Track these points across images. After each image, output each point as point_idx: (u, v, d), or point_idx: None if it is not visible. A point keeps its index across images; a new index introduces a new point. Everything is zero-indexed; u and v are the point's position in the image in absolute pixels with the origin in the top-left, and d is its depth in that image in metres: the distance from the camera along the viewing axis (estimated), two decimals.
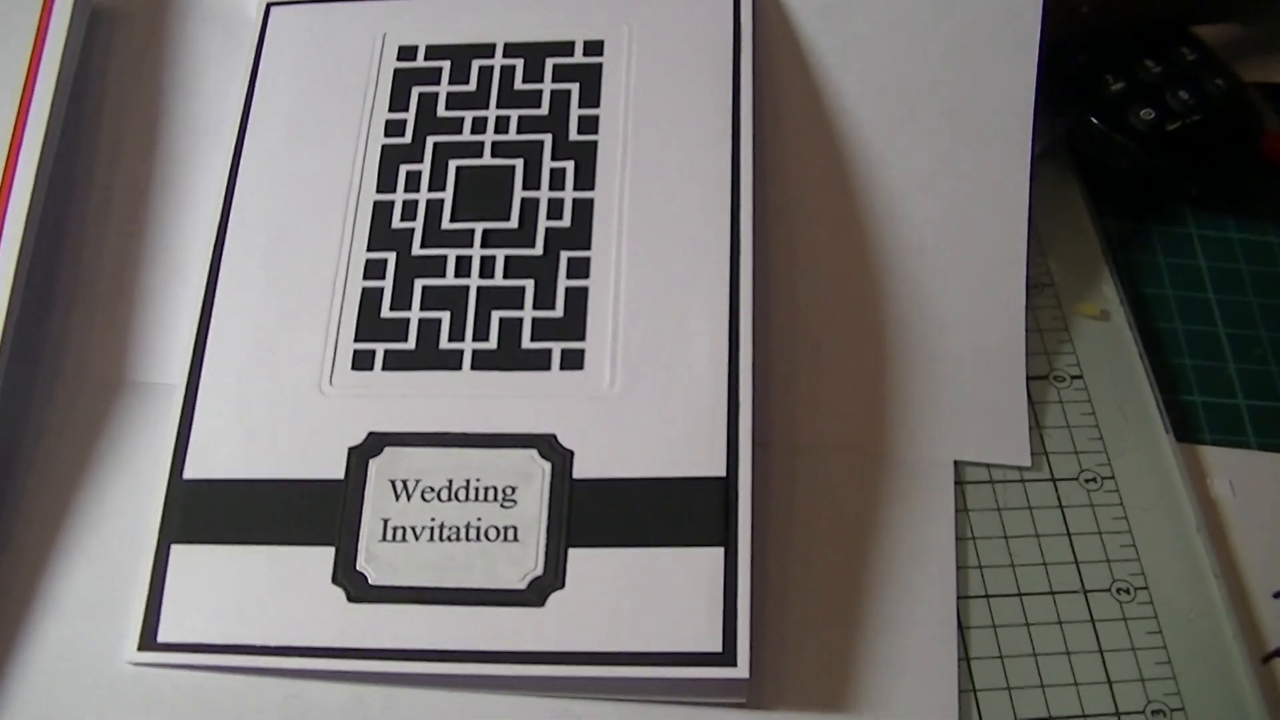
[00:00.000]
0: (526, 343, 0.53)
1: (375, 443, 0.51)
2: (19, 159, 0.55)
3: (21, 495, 0.53)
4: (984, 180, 0.59)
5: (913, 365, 0.56)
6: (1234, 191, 0.68)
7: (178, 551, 0.50)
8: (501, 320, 0.53)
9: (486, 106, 0.58)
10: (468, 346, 0.53)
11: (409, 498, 0.50)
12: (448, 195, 0.56)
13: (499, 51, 0.60)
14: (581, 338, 0.53)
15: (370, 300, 0.54)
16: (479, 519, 0.49)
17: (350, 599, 0.48)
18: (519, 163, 0.57)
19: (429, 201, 0.56)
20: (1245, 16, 0.71)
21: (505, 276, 0.54)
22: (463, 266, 0.55)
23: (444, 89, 0.59)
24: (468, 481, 0.50)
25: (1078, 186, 0.66)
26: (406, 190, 0.56)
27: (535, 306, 0.54)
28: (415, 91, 0.59)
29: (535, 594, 0.48)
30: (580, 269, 0.54)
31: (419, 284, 0.54)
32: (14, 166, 0.55)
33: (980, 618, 0.53)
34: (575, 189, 0.56)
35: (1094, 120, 0.64)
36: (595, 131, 0.57)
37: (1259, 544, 0.56)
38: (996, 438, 0.56)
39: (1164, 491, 0.56)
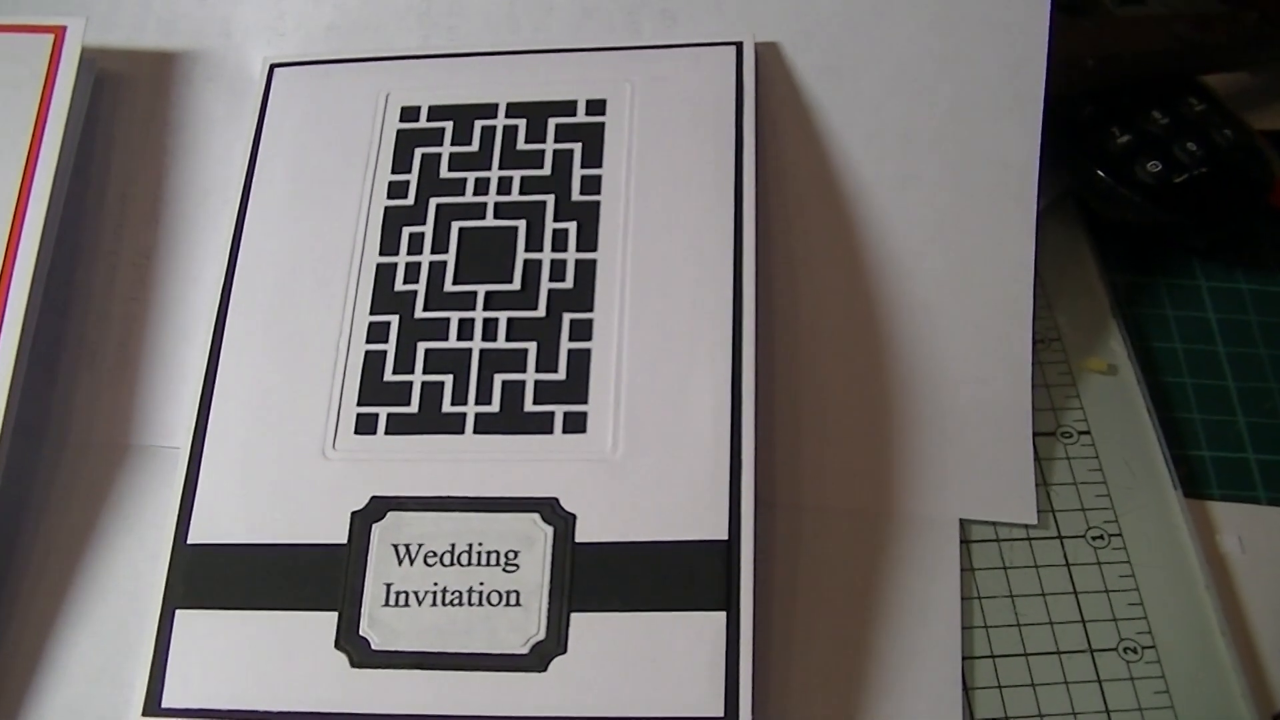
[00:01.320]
0: (529, 405, 0.53)
1: (378, 507, 0.51)
2: (24, 225, 0.55)
3: (28, 560, 0.53)
4: (989, 236, 0.59)
5: (918, 423, 0.56)
6: (1243, 242, 0.67)
7: (182, 617, 0.50)
8: (504, 383, 0.53)
9: (489, 167, 0.58)
10: (470, 410, 0.53)
11: (411, 562, 0.50)
12: (450, 257, 0.56)
13: (501, 111, 0.60)
14: (584, 400, 0.53)
15: (373, 364, 0.54)
16: (481, 583, 0.49)
17: (353, 664, 0.48)
18: (521, 224, 0.57)
19: (431, 263, 0.56)
20: (1254, 65, 0.70)
21: (508, 339, 0.54)
22: (465, 329, 0.55)
23: (446, 150, 0.59)
24: (470, 546, 0.50)
25: (1084, 240, 0.66)
26: (409, 252, 0.57)
27: (538, 369, 0.54)
28: (418, 152, 0.59)
29: (537, 659, 0.48)
30: (583, 331, 0.54)
31: (422, 347, 0.54)
32: (19, 233, 0.55)
33: (986, 678, 0.52)
34: (578, 250, 0.56)
35: (1100, 173, 0.64)
36: (598, 192, 0.57)
37: (1268, 601, 0.55)
38: (1002, 495, 0.56)
39: (1172, 548, 0.56)
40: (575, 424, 0.52)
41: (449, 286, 0.56)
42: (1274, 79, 0.72)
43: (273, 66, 0.62)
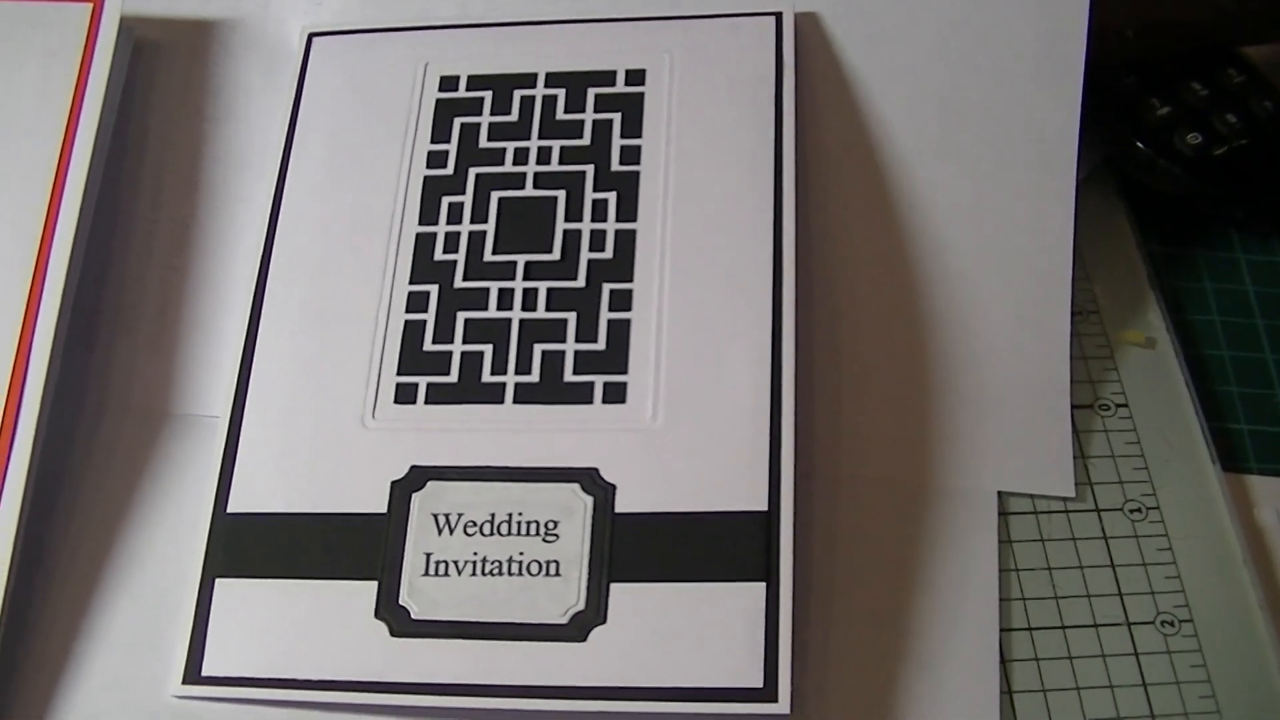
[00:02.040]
0: (569, 376, 0.53)
1: (418, 476, 0.51)
2: (64, 193, 0.55)
3: (68, 528, 0.53)
4: (1028, 206, 0.59)
5: (956, 395, 0.56)
6: None
7: (222, 585, 0.50)
8: (544, 353, 0.53)
9: (528, 137, 0.58)
10: (510, 380, 0.53)
11: (451, 532, 0.50)
12: (490, 227, 0.56)
13: (541, 81, 0.60)
14: (624, 371, 0.53)
15: (413, 333, 0.54)
16: (521, 553, 0.49)
17: (393, 633, 0.49)
18: (561, 194, 0.57)
19: (471, 233, 0.56)
20: None
21: (547, 309, 0.54)
22: (505, 299, 0.55)
23: (486, 119, 0.59)
24: (510, 516, 0.50)
25: (1123, 211, 0.66)
26: (449, 222, 0.57)
27: (577, 339, 0.54)
28: (457, 122, 0.59)
29: (577, 629, 0.48)
30: (623, 301, 0.54)
31: (461, 317, 0.54)
32: (59, 201, 0.55)
33: (1023, 651, 0.52)
34: (617, 220, 0.56)
35: (1139, 145, 0.64)
36: (637, 162, 0.57)
37: None
38: (1040, 468, 0.56)
39: (1209, 522, 0.56)
40: (615, 394, 0.52)
41: (488, 256, 0.56)
42: None
43: (311, 36, 0.62)
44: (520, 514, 0.50)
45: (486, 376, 0.53)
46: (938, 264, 0.58)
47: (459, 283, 0.55)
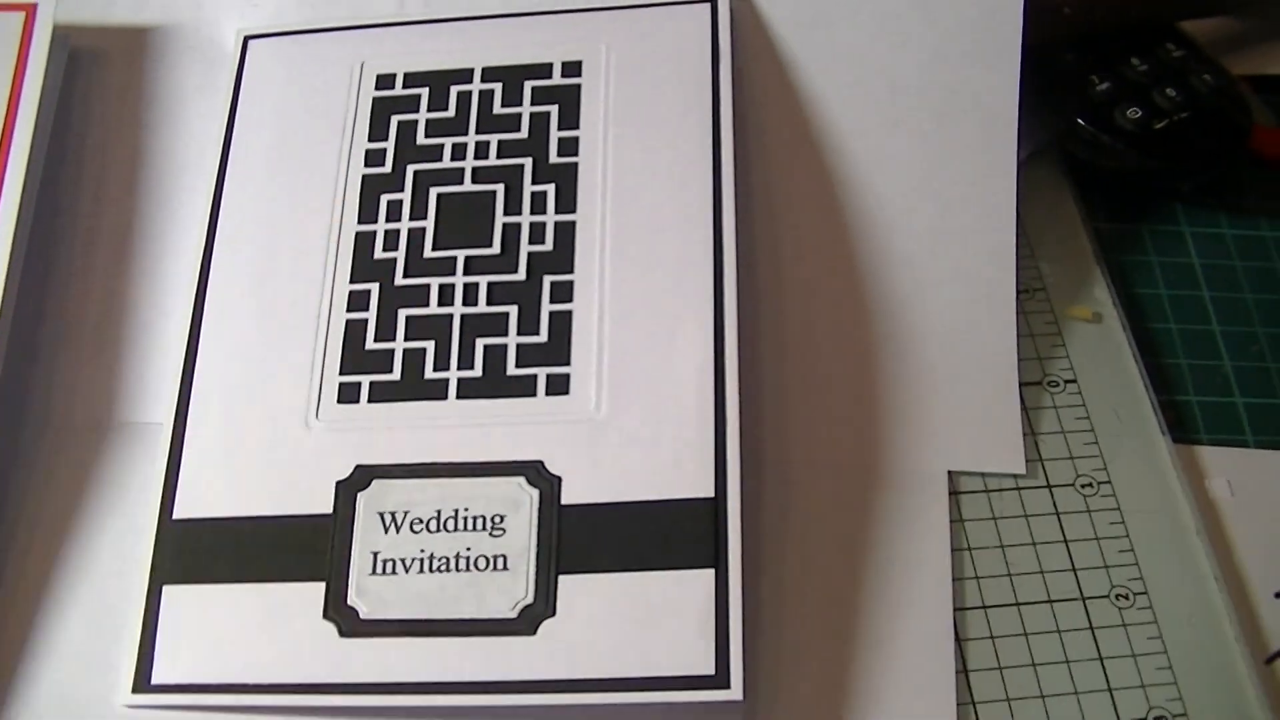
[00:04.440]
0: (511, 369, 0.53)
1: (363, 476, 0.51)
2: (1, 204, 0.55)
3: (13, 542, 0.53)
4: (971, 185, 0.59)
5: (904, 376, 0.56)
6: (1225, 186, 0.67)
7: (169, 592, 0.50)
8: (486, 348, 0.53)
9: (466, 132, 0.58)
10: (453, 375, 0.53)
11: (398, 530, 0.50)
12: (429, 223, 0.56)
13: (477, 76, 0.60)
14: (566, 362, 0.53)
15: (354, 332, 0.54)
16: (468, 549, 0.49)
17: (342, 634, 0.48)
18: (500, 188, 0.57)
19: (410, 230, 0.56)
20: (1232, 10, 0.70)
21: (489, 303, 0.54)
22: (446, 295, 0.54)
23: (423, 116, 0.59)
24: (456, 511, 0.50)
25: (1068, 188, 0.66)
26: (388, 220, 0.56)
27: (519, 332, 0.53)
28: (394, 120, 0.59)
29: (527, 623, 0.48)
30: (564, 293, 0.54)
31: (403, 314, 0.54)
32: None
33: (978, 629, 0.52)
34: (557, 212, 0.56)
35: (1081, 121, 0.64)
36: (575, 154, 0.57)
37: (1259, 544, 0.55)
38: (990, 446, 0.56)
39: (1162, 494, 0.56)
40: (558, 386, 0.52)
41: (428, 253, 0.55)
42: (1252, 25, 0.72)
43: (247, 38, 0.62)
44: (466, 509, 0.50)
45: (429, 373, 0.53)
46: (882, 246, 0.58)
47: (399, 280, 0.55)
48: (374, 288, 0.55)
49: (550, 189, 0.56)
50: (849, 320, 0.57)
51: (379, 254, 0.56)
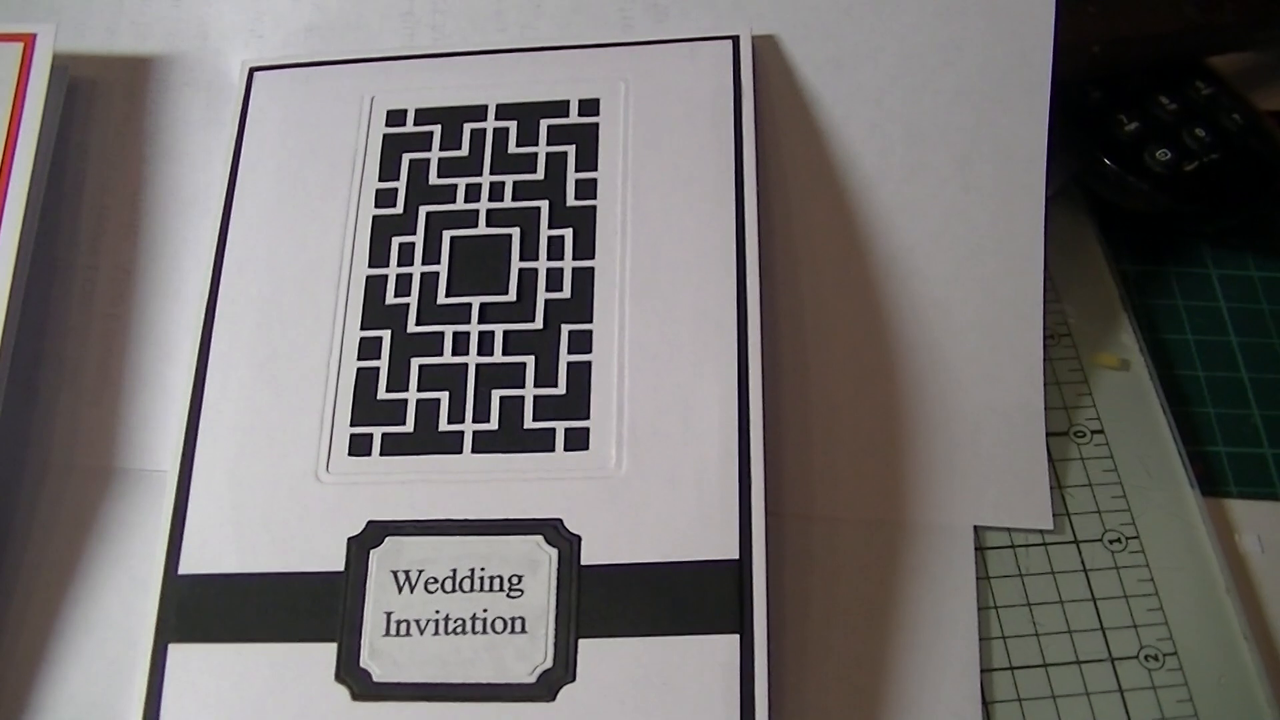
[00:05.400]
0: (529, 423, 0.51)
1: (376, 532, 0.50)
2: None
3: (12, 593, 0.52)
4: (997, 229, 0.58)
5: (929, 428, 0.55)
6: (1253, 227, 0.66)
7: (175, 651, 0.49)
8: (502, 399, 0.52)
9: (480, 173, 0.57)
10: (468, 428, 0.51)
11: (412, 589, 0.49)
12: (443, 268, 0.55)
13: (491, 113, 0.58)
14: (585, 416, 0.51)
15: (366, 381, 0.53)
16: (485, 610, 0.48)
17: (354, 697, 0.47)
18: (515, 231, 0.55)
19: (423, 275, 0.55)
20: (1259, 45, 0.69)
21: (505, 353, 0.53)
22: (460, 343, 0.53)
23: (435, 155, 0.57)
24: (472, 571, 0.49)
25: (1092, 229, 0.65)
26: (400, 264, 0.55)
27: (537, 384, 0.52)
28: (406, 158, 0.57)
29: (545, 688, 0.47)
30: (582, 343, 0.53)
31: (415, 363, 0.53)
32: None
33: (1005, 691, 0.51)
34: (574, 258, 0.54)
35: (1108, 162, 0.63)
36: (594, 196, 0.56)
37: None
38: (1017, 500, 0.55)
39: (1191, 550, 0.55)
40: (577, 440, 0.51)
41: (442, 299, 0.54)
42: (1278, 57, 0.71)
43: (252, 70, 0.60)
44: (483, 569, 0.49)
45: (443, 425, 0.52)
46: (906, 292, 0.57)
47: (412, 327, 0.54)
48: (386, 335, 0.53)
49: (568, 233, 0.55)
50: (873, 369, 0.56)
51: (390, 299, 0.54)
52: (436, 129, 0.58)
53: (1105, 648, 0.52)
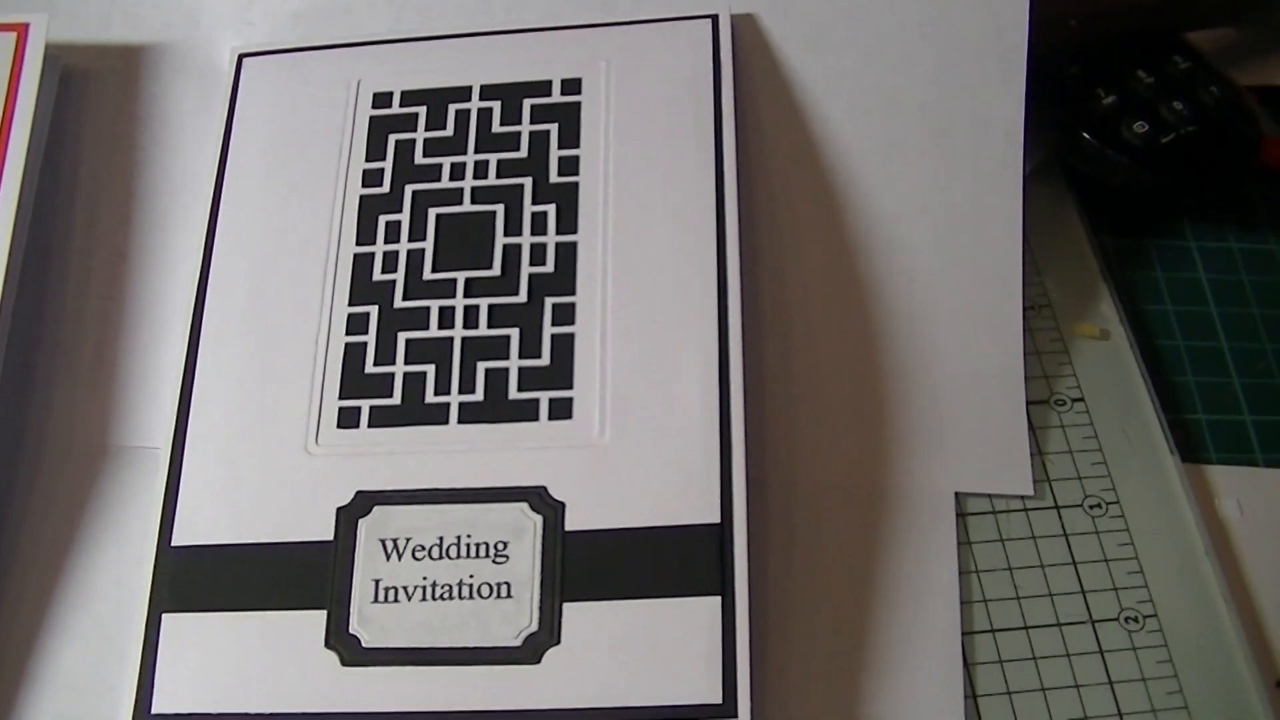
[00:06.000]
0: (514, 393, 0.52)
1: (364, 502, 0.50)
2: None
3: (10, 569, 0.53)
4: (976, 203, 0.59)
5: (910, 397, 0.56)
6: (1232, 200, 0.67)
7: (169, 620, 0.49)
8: (487, 371, 0.53)
9: (465, 151, 0.58)
10: (454, 400, 0.52)
11: (400, 557, 0.49)
12: (428, 245, 0.55)
13: (475, 94, 0.59)
14: (569, 386, 0.52)
15: (353, 356, 0.54)
16: (471, 576, 0.49)
17: (344, 663, 0.48)
18: (499, 208, 0.56)
19: (410, 252, 0.55)
20: (1239, 20, 0.70)
21: (489, 326, 0.53)
22: (446, 318, 0.54)
23: (421, 135, 0.58)
24: (459, 538, 0.49)
25: (1072, 203, 0.65)
26: (386, 241, 0.56)
27: (521, 355, 0.53)
28: (392, 139, 0.58)
29: (531, 651, 0.47)
30: (565, 315, 0.53)
31: (402, 337, 0.54)
32: None
33: (986, 653, 0.52)
34: (558, 233, 0.55)
35: (1086, 136, 0.63)
36: (576, 173, 0.56)
37: (1269, 565, 0.55)
38: (997, 467, 0.55)
39: (1170, 515, 0.55)
40: (561, 410, 0.52)
41: (428, 274, 0.55)
42: (1259, 34, 0.72)
43: (241, 57, 0.61)
44: (469, 536, 0.49)
45: (430, 397, 0.52)
46: (887, 264, 0.58)
47: (399, 303, 0.54)
48: (373, 310, 0.54)
49: (551, 209, 0.56)
50: (854, 340, 0.57)
51: (378, 276, 0.55)
52: (422, 110, 0.59)
53: (1086, 610, 0.53)
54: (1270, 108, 0.68)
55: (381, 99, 0.59)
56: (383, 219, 0.56)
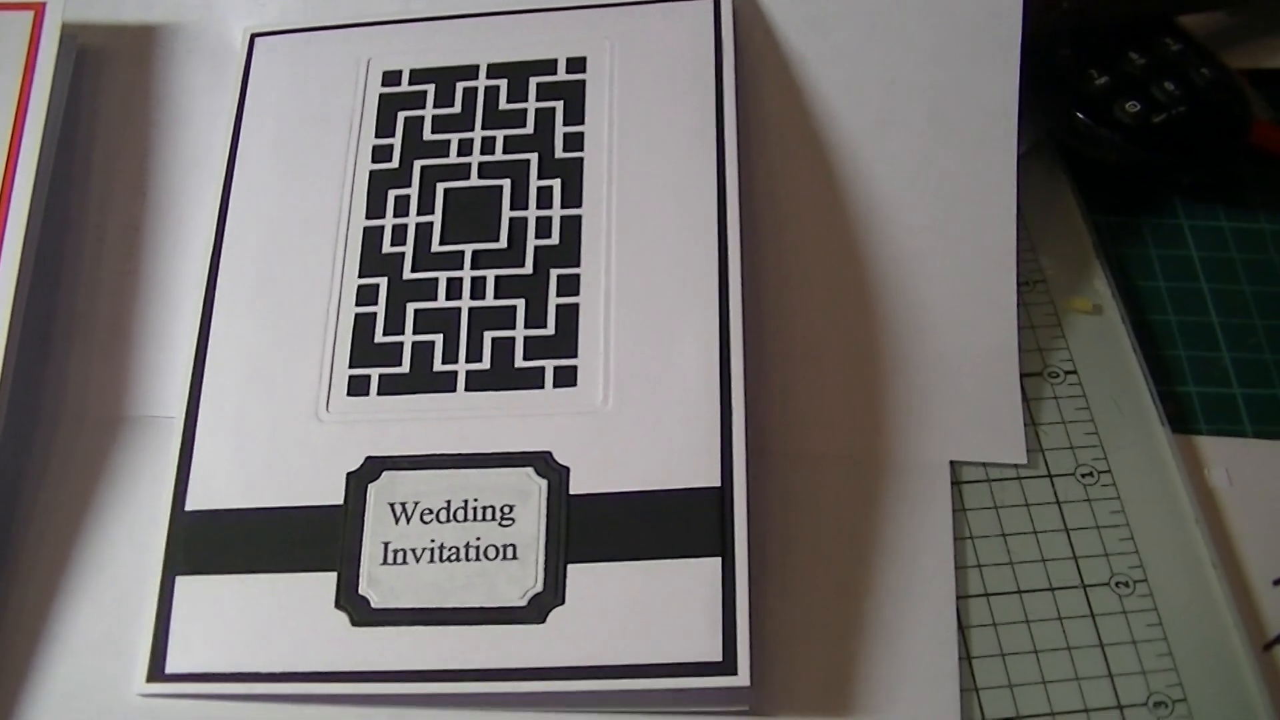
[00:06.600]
0: (519, 362, 0.53)
1: (373, 467, 0.52)
2: (11, 202, 0.56)
3: (27, 533, 0.53)
4: (971, 180, 0.60)
5: (907, 368, 0.57)
6: (1224, 180, 0.68)
7: (182, 583, 0.50)
8: (494, 340, 0.54)
9: (472, 128, 0.59)
10: (461, 368, 0.53)
11: (408, 520, 0.50)
12: (436, 218, 0.57)
13: (483, 72, 0.60)
14: (573, 355, 0.53)
15: (363, 326, 0.55)
16: (478, 538, 0.50)
17: (354, 623, 0.49)
18: (506, 183, 0.57)
19: (418, 225, 0.57)
20: (1230, 5, 0.71)
21: (496, 297, 0.55)
22: (454, 288, 0.55)
23: (429, 112, 0.59)
24: (465, 502, 0.50)
25: (1067, 181, 0.66)
26: (395, 215, 0.57)
27: (527, 325, 0.54)
28: (401, 116, 0.59)
29: (536, 611, 0.48)
30: (570, 286, 0.55)
31: (411, 308, 0.55)
32: (6, 211, 0.55)
33: (980, 616, 0.53)
34: (563, 207, 0.56)
35: (1079, 115, 0.64)
36: (581, 149, 0.58)
37: (1257, 532, 0.56)
38: (992, 436, 0.56)
39: (1161, 484, 0.56)
40: (565, 378, 0.53)
41: (436, 247, 0.56)
42: (1251, 18, 0.72)
43: (253, 36, 0.63)
44: (476, 500, 0.50)
45: (438, 365, 0.54)
46: (884, 240, 0.59)
47: (408, 274, 0.55)
48: (382, 282, 0.55)
49: (556, 184, 0.57)
50: (852, 313, 0.58)
51: (387, 249, 0.56)
52: (430, 88, 0.60)
53: (1078, 575, 0.54)
54: (1260, 90, 0.69)
55: (391, 77, 0.61)
56: (392, 193, 0.58)
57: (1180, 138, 0.64)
